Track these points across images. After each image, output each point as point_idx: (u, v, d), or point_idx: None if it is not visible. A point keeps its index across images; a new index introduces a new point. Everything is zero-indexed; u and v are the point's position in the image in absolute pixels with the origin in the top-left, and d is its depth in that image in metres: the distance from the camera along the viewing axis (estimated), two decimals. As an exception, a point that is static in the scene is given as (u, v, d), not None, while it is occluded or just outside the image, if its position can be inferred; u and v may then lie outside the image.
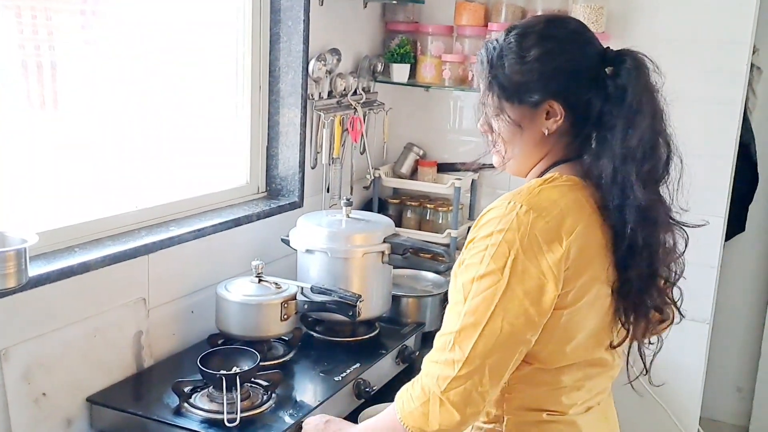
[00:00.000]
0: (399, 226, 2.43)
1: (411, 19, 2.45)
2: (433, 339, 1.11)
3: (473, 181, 2.51)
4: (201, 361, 1.51)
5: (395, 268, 2.00)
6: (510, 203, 1.07)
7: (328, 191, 2.24)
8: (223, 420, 1.42)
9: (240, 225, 1.91)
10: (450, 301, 1.10)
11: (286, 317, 1.72)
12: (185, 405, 1.48)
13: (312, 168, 2.17)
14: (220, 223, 1.85)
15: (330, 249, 1.82)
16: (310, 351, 1.77)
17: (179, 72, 1.86)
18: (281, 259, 2.01)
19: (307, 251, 1.85)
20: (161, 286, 1.71)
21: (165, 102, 1.82)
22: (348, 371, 1.66)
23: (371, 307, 1.85)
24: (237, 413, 1.42)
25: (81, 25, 1.66)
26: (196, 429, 1.42)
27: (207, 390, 1.51)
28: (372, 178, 2.43)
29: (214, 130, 1.99)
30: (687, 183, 1.13)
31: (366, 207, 2.47)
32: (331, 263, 1.82)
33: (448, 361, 1.05)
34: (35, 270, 1.39)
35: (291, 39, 2.04)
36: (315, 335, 1.85)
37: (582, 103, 1.10)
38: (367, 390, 1.65)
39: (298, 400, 1.55)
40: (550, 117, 1.11)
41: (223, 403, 1.45)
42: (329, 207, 2.22)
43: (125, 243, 1.62)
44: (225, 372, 1.48)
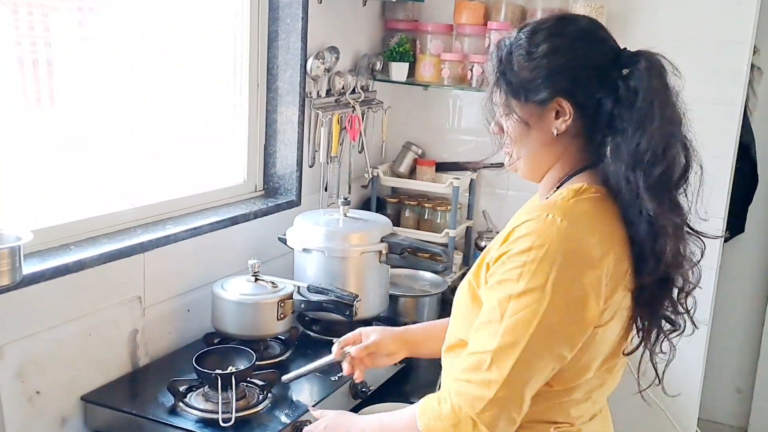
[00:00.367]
0: (397, 225, 2.42)
1: (410, 18, 2.44)
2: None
3: (472, 181, 2.50)
4: (196, 360, 1.50)
5: (393, 267, 1.99)
6: (548, 216, 1.02)
7: (326, 190, 2.23)
8: (218, 420, 1.41)
9: (237, 223, 1.90)
10: (482, 319, 1.04)
11: (282, 316, 1.71)
12: (180, 404, 1.48)
13: (310, 166, 2.17)
14: (216, 222, 1.84)
15: (327, 248, 1.81)
16: (306, 350, 1.76)
17: (177, 70, 1.85)
18: (278, 258, 2.00)
19: (304, 250, 1.85)
20: (157, 284, 1.70)
21: (162, 100, 1.82)
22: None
23: (368, 307, 1.85)
24: (232, 413, 1.42)
25: (78, 22, 1.65)
26: (191, 429, 1.42)
27: (202, 389, 1.51)
28: (370, 177, 2.42)
29: (211, 128, 1.99)
30: (704, 190, 1.11)
31: (364, 206, 2.46)
32: (328, 262, 1.82)
33: (483, 382, 1.00)
34: (30, 268, 1.38)
35: (289, 37, 2.03)
36: (312, 334, 1.84)
37: (593, 104, 1.07)
38: (364, 390, 1.64)
39: (294, 399, 1.54)
40: (559, 116, 1.08)
41: (218, 403, 1.44)
42: (327, 206, 2.21)
43: (121, 241, 1.61)
44: (220, 371, 1.48)
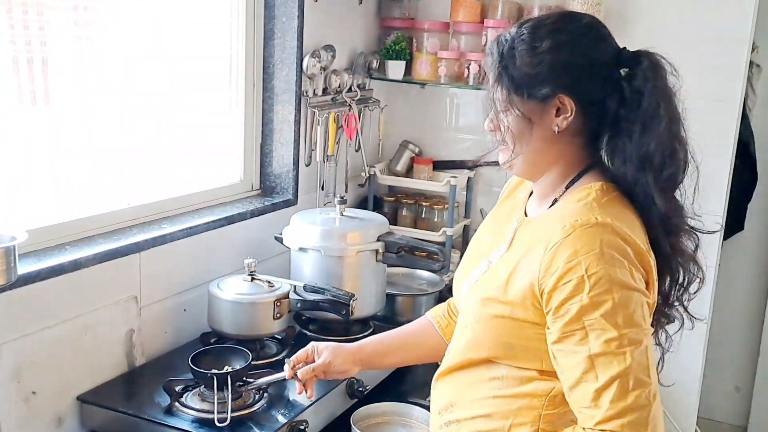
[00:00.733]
0: (394, 224, 2.42)
1: (407, 16, 2.43)
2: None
3: (469, 179, 2.49)
4: (192, 360, 1.50)
5: (390, 266, 1.98)
6: (596, 218, 1.01)
7: (322, 189, 2.22)
8: (214, 420, 1.41)
9: (233, 223, 1.90)
10: (594, 350, 0.99)
11: (278, 316, 1.71)
12: (176, 404, 1.48)
13: (306, 165, 2.16)
14: (213, 221, 1.84)
15: (323, 247, 1.81)
16: (303, 350, 1.75)
17: (172, 69, 1.84)
18: (275, 257, 2.00)
19: (301, 249, 1.84)
20: (153, 284, 1.70)
21: (158, 99, 1.81)
22: (341, 370, 1.65)
23: (365, 306, 1.84)
24: (228, 413, 1.42)
25: (73, 21, 1.65)
26: (187, 428, 1.41)
27: (198, 389, 1.51)
28: (367, 175, 2.41)
29: (207, 127, 1.98)
30: (689, 185, 1.12)
31: (361, 205, 2.46)
32: (325, 261, 1.81)
33: (639, 404, 1.04)
34: (25, 268, 1.38)
35: (285, 35, 2.02)
36: (308, 334, 1.84)
37: (595, 102, 1.06)
38: (361, 389, 1.64)
39: (290, 399, 1.54)
40: (560, 114, 1.06)
41: (214, 403, 1.44)
42: (324, 205, 2.21)
43: (117, 240, 1.60)
44: (216, 371, 1.47)
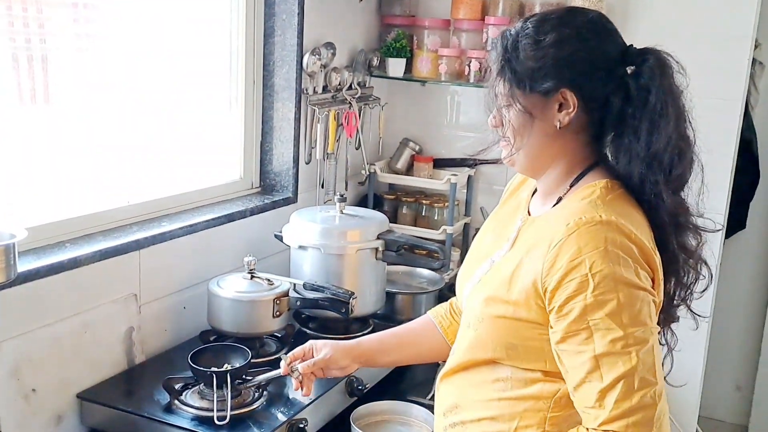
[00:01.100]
0: (394, 222, 2.42)
1: (407, 13, 2.42)
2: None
3: (470, 177, 2.49)
4: (192, 358, 1.50)
5: (389, 264, 1.98)
6: (600, 216, 0.99)
7: (322, 187, 2.22)
8: (214, 418, 1.41)
9: (233, 221, 1.90)
10: (600, 350, 0.96)
11: (278, 314, 1.70)
12: (176, 402, 1.47)
13: (306, 163, 2.16)
14: (212, 219, 1.83)
15: (323, 245, 1.81)
16: (302, 348, 1.75)
17: (172, 66, 1.84)
18: (274, 255, 2.00)
19: (300, 247, 1.84)
20: (153, 281, 1.69)
21: (158, 96, 1.81)
22: (341, 368, 1.65)
23: (365, 304, 1.84)
24: (227, 411, 1.41)
25: (73, 19, 1.65)
26: (186, 426, 1.41)
27: (198, 387, 1.51)
28: (367, 173, 2.41)
29: (207, 124, 1.98)
30: (695, 184, 1.11)
31: (361, 203, 2.46)
32: (325, 259, 1.81)
33: (645, 404, 0.96)
34: (24, 265, 1.38)
35: (285, 33, 2.02)
36: (308, 332, 1.84)
37: (599, 99, 1.05)
38: (360, 388, 1.64)
39: (289, 397, 1.53)
40: (562, 109, 1.06)
41: (214, 401, 1.44)
42: (323, 203, 2.20)
43: (116, 238, 1.60)
44: (216, 369, 1.47)
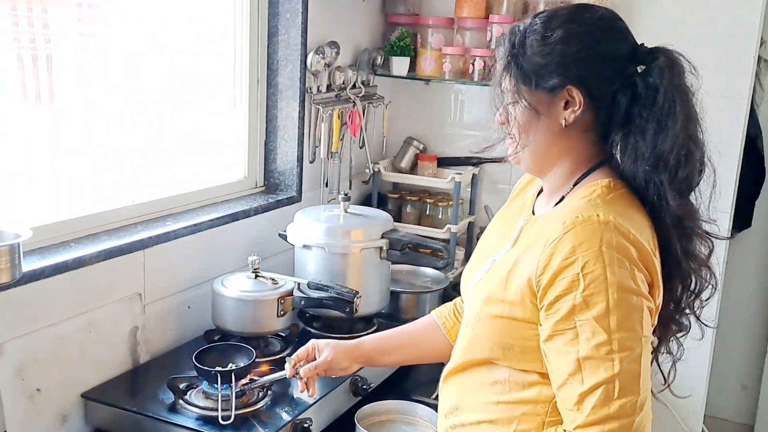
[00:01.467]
0: (398, 221, 2.41)
1: (411, 12, 2.42)
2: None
3: (474, 176, 2.48)
4: (196, 358, 1.50)
5: (394, 263, 1.98)
6: (598, 215, 0.98)
7: (326, 186, 2.22)
8: (218, 417, 1.41)
9: (237, 220, 1.90)
10: (584, 353, 0.96)
11: (282, 313, 1.70)
12: (180, 402, 1.48)
13: (310, 162, 2.16)
14: (217, 218, 1.83)
15: (327, 244, 1.81)
16: (307, 347, 1.75)
17: (176, 65, 1.84)
18: (278, 255, 2.00)
19: (305, 246, 1.84)
20: (157, 281, 1.70)
21: (162, 96, 1.81)
22: (345, 368, 1.65)
23: (369, 303, 1.84)
24: (232, 410, 1.42)
25: (77, 18, 1.65)
26: (190, 426, 1.41)
27: (202, 387, 1.50)
28: (371, 172, 2.41)
29: (211, 124, 1.98)
30: (705, 188, 1.09)
31: (365, 202, 2.45)
32: (329, 259, 1.81)
33: (623, 411, 0.95)
34: (29, 265, 1.38)
35: (289, 32, 2.02)
36: (312, 331, 1.84)
37: (606, 97, 1.04)
38: (365, 387, 1.63)
39: (294, 397, 1.53)
40: (568, 106, 1.05)
41: (218, 400, 1.44)
42: (328, 202, 2.20)
43: (121, 238, 1.61)
44: (220, 369, 1.47)
